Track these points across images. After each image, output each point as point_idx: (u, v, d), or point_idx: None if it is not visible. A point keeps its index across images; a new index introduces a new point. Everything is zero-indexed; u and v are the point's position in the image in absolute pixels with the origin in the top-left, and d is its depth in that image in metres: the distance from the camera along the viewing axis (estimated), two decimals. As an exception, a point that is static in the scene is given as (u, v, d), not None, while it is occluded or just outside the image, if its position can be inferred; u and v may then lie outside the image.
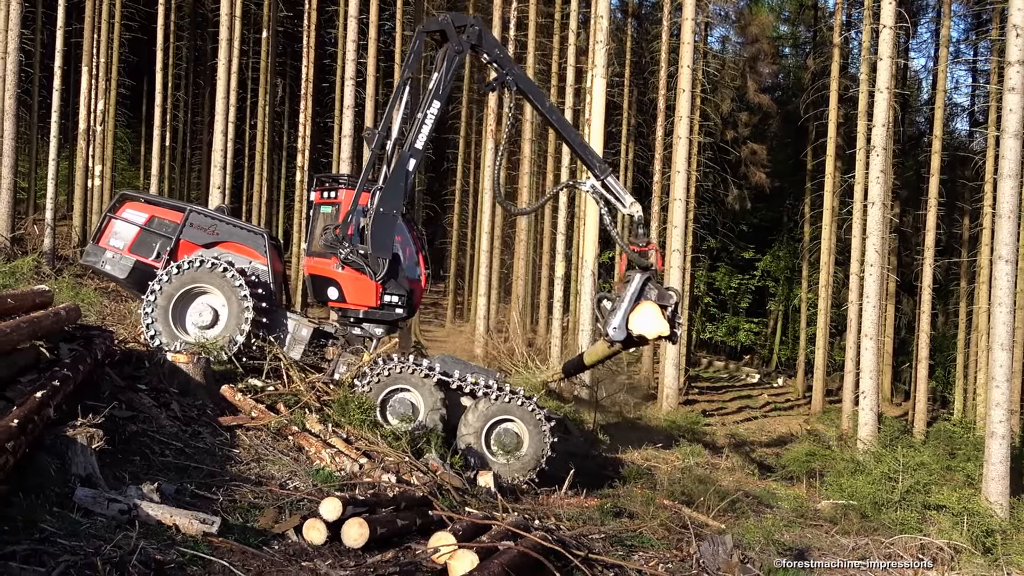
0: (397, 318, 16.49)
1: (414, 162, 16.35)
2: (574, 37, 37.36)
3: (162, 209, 16.87)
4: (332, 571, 7.31)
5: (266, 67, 45.87)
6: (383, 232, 16.02)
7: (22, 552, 5.92)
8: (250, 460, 10.66)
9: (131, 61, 45.87)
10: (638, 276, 16.13)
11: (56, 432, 8.04)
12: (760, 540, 11.99)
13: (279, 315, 15.97)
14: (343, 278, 16.13)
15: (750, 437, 32.35)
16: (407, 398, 14.86)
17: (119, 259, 16.17)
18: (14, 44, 32.88)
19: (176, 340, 14.58)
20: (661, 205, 41.01)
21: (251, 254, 16.32)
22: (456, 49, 16.37)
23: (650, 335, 15.96)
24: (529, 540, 8.64)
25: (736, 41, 54.55)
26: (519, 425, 15.05)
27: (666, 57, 41.81)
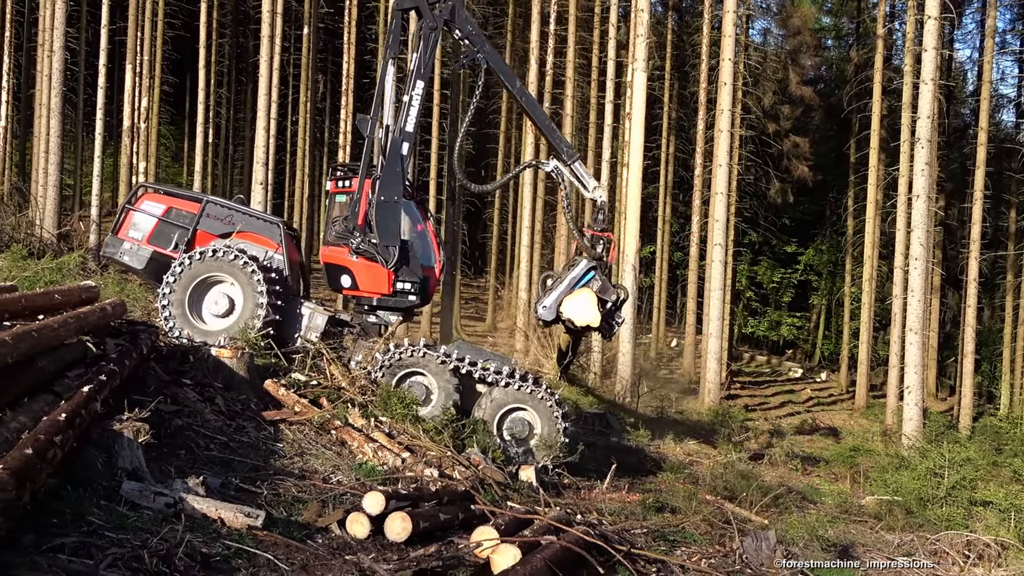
0: (410, 305, 16.52)
1: (407, 145, 16.35)
2: (614, 31, 37.24)
3: (180, 200, 16.98)
4: (376, 565, 7.33)
5: (307, 63, 46.10)
6: (387, 220, 16.10)
7: (71, 544, 5.99)
8: (294, 454, 10.72)
9: (174, 58, 46.29)
10: (584, 262, 16.00)
11: (103, 426, 8.12)
12: (804, 536, 11.90)
13: (294, 303, 16.03)
14: (355, 266, 16.23)
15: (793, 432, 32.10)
16: (421, 382, 14.88)
17: (137, 250, 16.30)
18: (60, 42, 33.29)
19: (193, 329, 14.68)
20: (702, 199, 40.85)
21: (267, 243, 16.38)
22: (431, 26, 16.29)
23: (578, 322, 15.65)
24: (571, 535, 8.63)
25: (778, 33, 54.17)
26: (531, 415, 14.96)
27: (707, 50, 41.63)
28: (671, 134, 48.38)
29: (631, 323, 30.44)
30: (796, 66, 51.65)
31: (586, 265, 15.90)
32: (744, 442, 25.29)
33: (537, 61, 38.73)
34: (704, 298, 35.12)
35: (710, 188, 35.50)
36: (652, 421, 26.14)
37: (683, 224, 49.38)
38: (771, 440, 27.39)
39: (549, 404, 14.91)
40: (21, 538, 5.75)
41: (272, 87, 34.48)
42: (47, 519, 6.27)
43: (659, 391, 34.06)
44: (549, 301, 15.77)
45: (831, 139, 55.02)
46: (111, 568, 5.75)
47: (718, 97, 33.22)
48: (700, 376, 34.99)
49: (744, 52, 41.57)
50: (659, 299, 48.19)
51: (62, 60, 33.59)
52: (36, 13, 43.48)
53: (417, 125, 16.55)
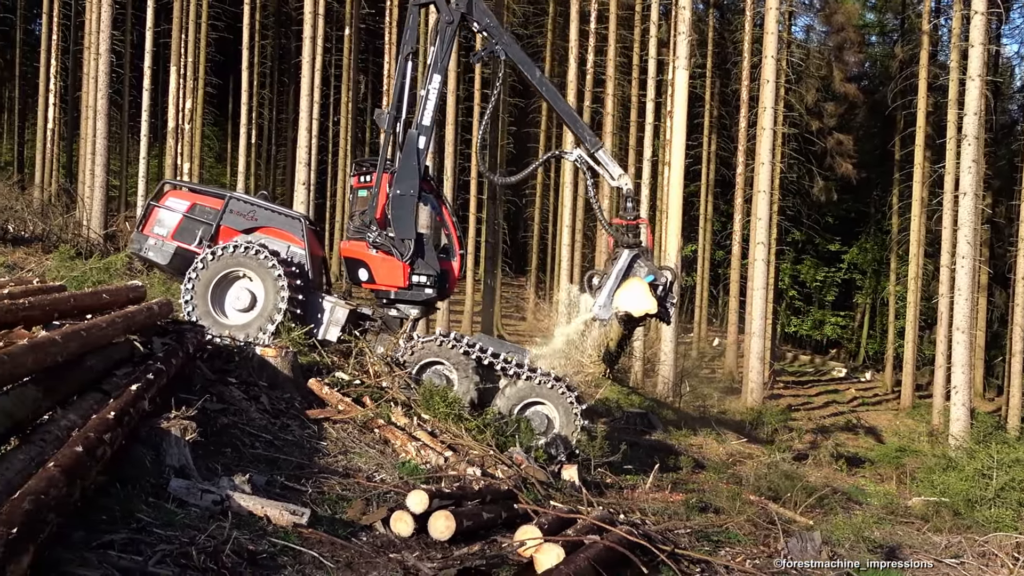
0: (427, 298, 16.50)
1: (423, 140, 16.38)
2: (655, 29, 37.12)
3: (203, 196, 17.18)
4: (419, 563, 7.36)
5: (349, 64, 46.31)
6: (402, 213, 16.16)
7: (120, 541, 6.05)
8: (337, 453, 10.77)
9: (218, 60, 46.70)
10: (626, 252, 15.89)
11: (151, 424, 8.20)
12: (849, 537, 11.80)
13: (315, 297, 16.13)
14: (373, 260, 16.33)
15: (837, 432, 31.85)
16: (442, 371, 14.93)
17: (161, 245, 16.48)
18: (105, 45, 33.70)
19: (215, 324, 14.79)
20: (745, 197, 40.66)
21: (289, 238, 16.51)
22: (447, 20, 16.35)
23: (636, 312, 15.57)
24: (614, 534, 8.62)
25: (821, 30, 53.74)
26: (550, 408, 14.88)
27: (749, 47, 41.41)
28: (713, 132, 48.16)
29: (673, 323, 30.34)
30: (840, 63, 51.23)
31: (628, 255, 15.84)
32: (788, 442, 25.13)
33: (577, 60, 38.69)
34: (747, 297, 34.95)
35: (752, 186, 35.33)
36: (694, 420, 26.05)
37: (725, 223, 49.14)
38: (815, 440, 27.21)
39: (567, 398, 14.81)
40: (72, 534, 5.82)
41: (314, 88, 34.69)
42: (97, 516, 6.33)
43: (701, 390, 33.93)
44: (602, 299, 15.72)
45: (875, 136, 54.54)
46: (160, 564, 5.81)
47: (760, 94, 33.03)
48: (743, 376, 34.82)
49: (787, 49, 41.24)
50: (701, 298, 48.00)
51: (108, 63, 33.99)
52: (82, 16, 44.04)
53: (434, 119, 16.57)
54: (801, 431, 29.06)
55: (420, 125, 16.40)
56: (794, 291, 56.51)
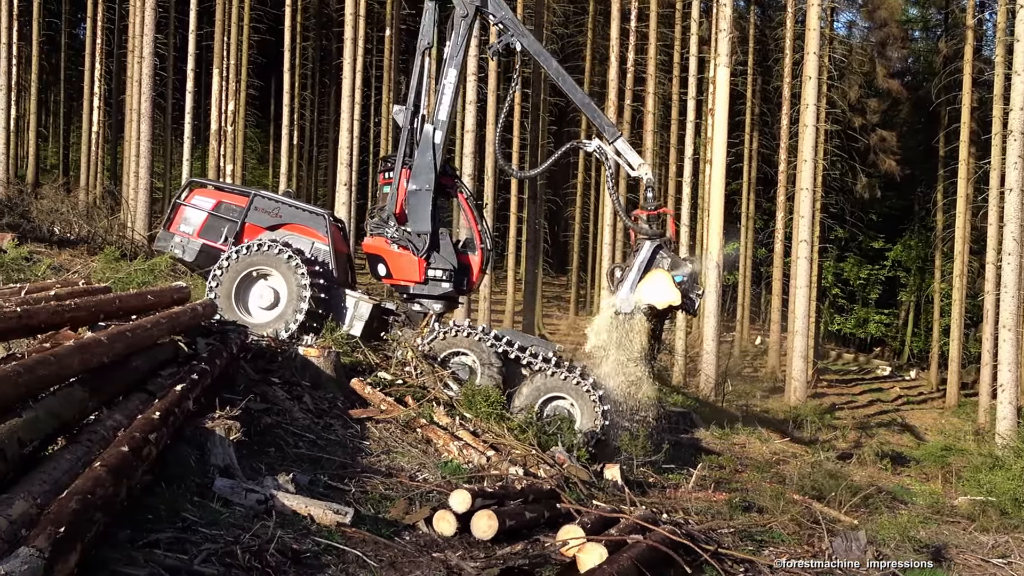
0: (444, 292, 16.43)
1: (440, 134, 16.34)
2: (696, 27, 36.95)
3: (228, 194, 17.40)
4: (463, 562, 7.36)
5: (390, 65, 46.48)
6: (417, 208, 16.22)
7: (166, 540, 6.10)
8: (380, 452, 10.80)
9: (259, 62, 47.01)
10: (647, 244, 15.45)
11: (195, 424, 8.27)
12: (895, 537, 11.67)
13: (338, 293, 16.18)
14: (390, 255, 16.42)
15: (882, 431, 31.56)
16: (464, 362, 14.99)
17: (187, 243, 16.65)
18: (149, 49, 34.02)
19: (239, 322, 14.89)
20: (787, 195, 40.38)
21: (313, 235, 16.61)
22: (462, 13, 16.27)
23: (659, 304, 15.03)
24: (658, 534, 8.58)
25: (863, 26, 53.25)
26: (571, 403, 14.80)
27: (791, 44, 41.13)
28: (754, 130, 47.88)
29: (715, 321, 30.19)
30: (883, 59, 50.75)
31: (650, 245, 15.42)
32: (832, 441, 24.93)
33: (618, 59, 38.59)
34: (789, 295, 34.77)
35: (795, 184, 35.06)
36: (737, 419, 25.89)
37: (767, 221, 48.86)
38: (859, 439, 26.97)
39: (590, 395, 14.70)
40: (118, 533, 5.87)
41: (355, 89, 34.85)
42: (143, 515, 6.39)
43: (744, 389, 33.75)
44: (624, 292, 15.30)
45: (919, 132, 53.94)
46: (205, 563, 5.85)
47: (802, 91, 32.80)
48: (786, 374, 34.59)
49: (829, 45, 40.91)
50: (743, 297, 47.75)
51: (151, 66, 34.30)
52: (126, 20, 44.50)
53: (450, 114, 16.54)
54: (845, 430, 28.81)
55: (436, 120, 16.40)
56: (837, 289, 56.05)
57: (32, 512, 4.90)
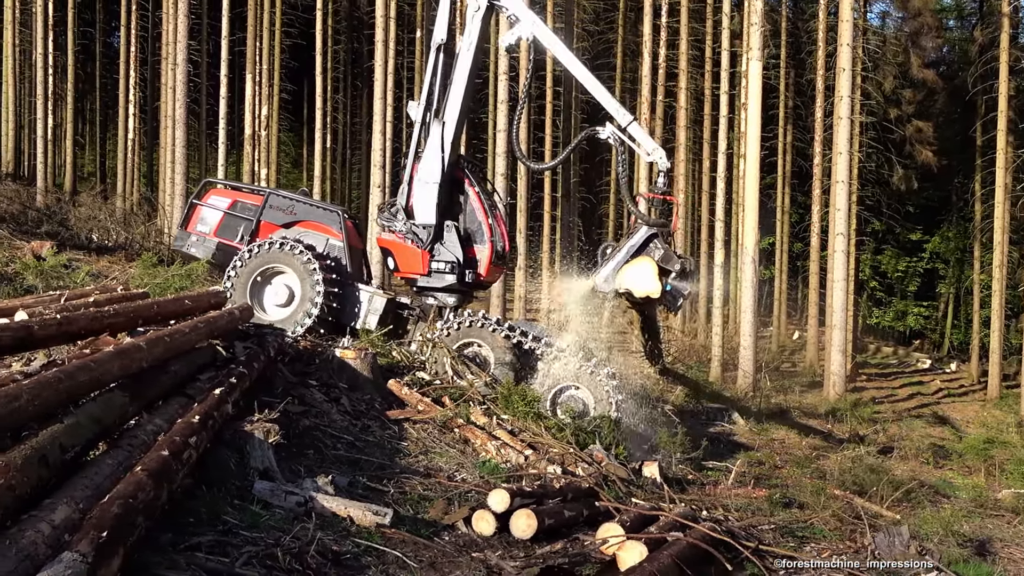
0: (448, 285, 16.41)
1: (449, 128, 16.40)
2: (727, 21, 36.72)
3: (244, 194, 17.85)
4: (502, 562, 7.36)
5: (421, 66, 46.49)
6: (424, 201, 16.28)
7: (207, 543, 6.14)
8: (418, 453, 10.83)
9: (292, 67, 47.22)
10: (643, 229, 14.88)
11: (234, 427, 8.32)
12: (938, 531, 11.57)
13: (352, 289, 16.38)
14: (397, 247, 16.52)
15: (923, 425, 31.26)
16: (479, 352, 15.08)
17: (203, 241, 17.09)
18: (182, 55, 34.27)
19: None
20: (823, 188, 40.07)
21: (327, 231, 16.89)
22: (474, 8, 16.31)
23: (637, 292, 14.44)
24: (697, 531, 8.55)
25: (897, 16, 52.79)
26: (586, 393, 14.80)
27: (824, 36, 40.82)
28: (788, 123, 47.57)
29: (751, 316, 30.02)
30: (917, 48, 50.24)
31: (645, 231, 14.86)
32: (872, 435, 24.72)
33: (650, 55, 38.48)
34: (826, 289, 34.49)
35: (830, 177, 34.80)
36: (776, 415, 25.75)
37: (803, 214, 48.51)
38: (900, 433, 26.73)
39: (603, 384, 14.70)
40: (160, 537, 5.91)
41: (387, 91, 34.93)
42: (184, 518, 6.43)
43: (782, 384, 33.53)
44: (606, 271, 14.80)
45: (956, 122, 53.37)
46: (246, 566, 5.88)
47: (836, 83, 32.54)
48: (824, 369, 34.32)
49: (862, 36, 40.54)
50: (779, 291, 47.48)
51: (185, 72, 34.56)
52: (159, 28, 44.83)
53: (459, 108, 16.51)
54: (885, 424, 28.56)
55: (445, 114, 16.44)
56: (875, 282, 55.64)
57: (75, 517, 4.95)
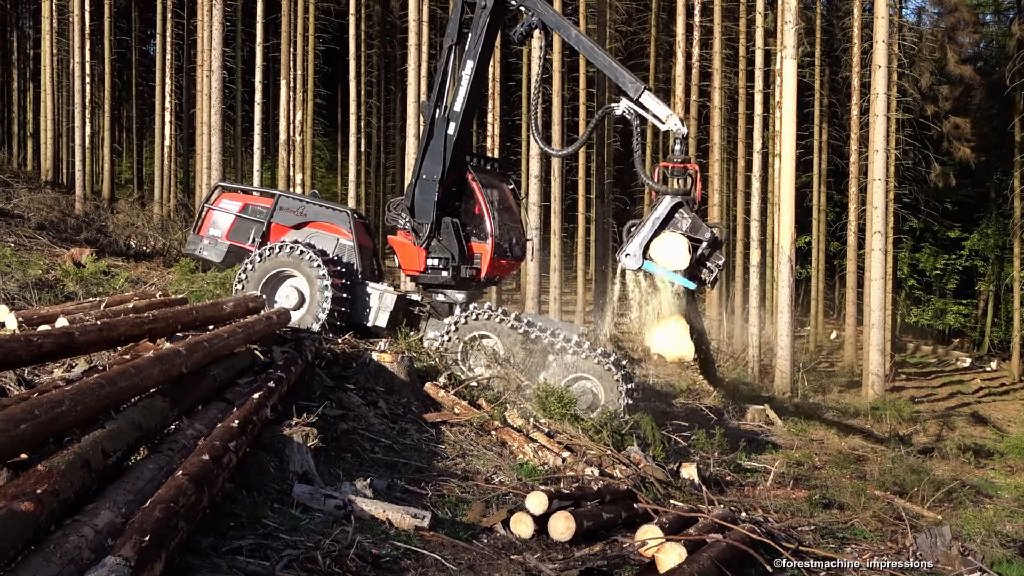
0: (443, 282, 16.56)
1: (453, 125, 16.37)
2: (761, 19, 36.56)
3: (255, 197, 18.18)
4: (541, 564, 7.36)
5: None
6: (423, 198, 16.41)
7: (247, 546, 6.18)
8: (455, 455, 10.85)
9: (326, 72, 47.43)
10: (667, 199, 14.11)
11: (273, 431, 8.37)
12: (981, 531, 11.46)
13: (362, 287, 16.52)
14: (400, 245, 16.80)
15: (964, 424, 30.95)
16: (489, 344, 15.11)
17: (215, 244, 17.36)
18: (218, 62, 34.52)
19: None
20: (859, 186, 39.76)
21: (337, 231, 17.10)
22: (481, 4, 16.27)
23: (668, 267, 13.84)
24: (737, 532, 8.51)
25: (933, 11, 52.36)
26: (595, 384, 14.77)
27: (859, 33, 40.50)
28: (823, 121, 47.24)
29: (788, 316, 29.84)
30: (954, 44, 49.76)
31: (669, 201, 14.06)
32: (912, 435, 24.51)
33: (683, 54, 38.35)
34: (864, 288, 34.22)
35: (866, 175, 34.54)
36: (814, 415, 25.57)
37: (839, 213, 48.18)
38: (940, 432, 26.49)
39: (613, 374, 14.67)
40: (201, 541, 5.96)
41: (420, 94, 34.97)
42: (225, 522, 6.48)
43: (820, 384, 33.32)
44: (633, 246, 14.10)
45: (994, 118, 52.81)
46: (287, 569, 5.92)
47: (872, 81, 32.31)
48: (862, 368, 34.06)
49: (898, 33, 40.19)
50: (816, 290, 47.18)
51: (220, 79, 34.80)
52: (195, 36, 45.21)
53: (465, 105, 16.48)
54: (925, 423, 28.30)
55: (451, 111, 16.46)
56: (913, 280, 55.17)
57: (117, 521, 4.99)
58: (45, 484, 4.70)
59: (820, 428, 22.50)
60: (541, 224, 34.35)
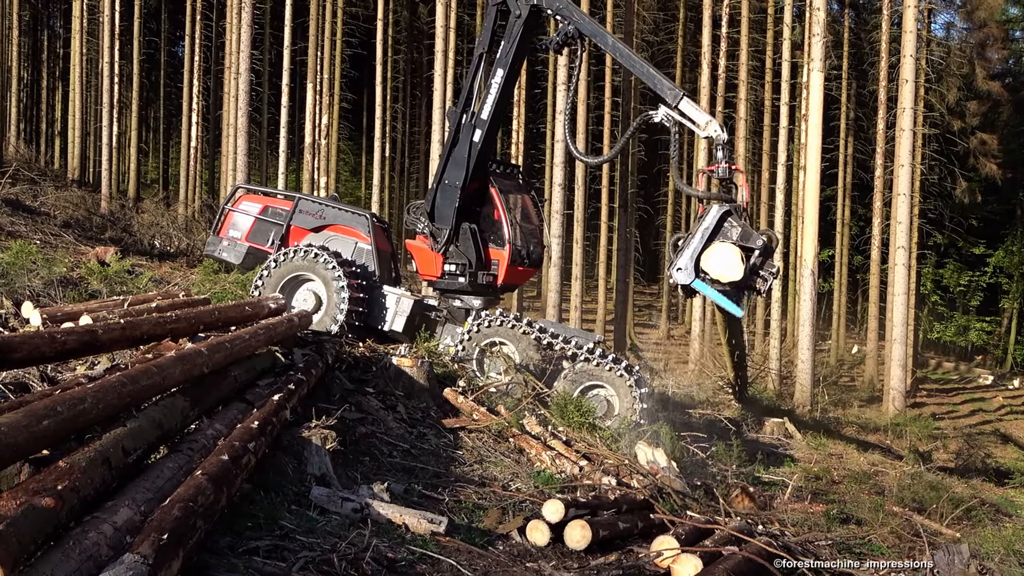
0: (460, 288, 16.54)
1: (479, 132, 16.33)
2: (788, 31, 36.51)
3: (274, 199, 18.17)
4: (556, 572, 7.36)
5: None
6: (444, 203, 16.41)
7: (264, 547, 6.20)
8: (473, 461, 10.85)
9: (352, 76, 47.62)
10: (715, 208, 13.61)
11: (293, 433, 8.40)
12: (999, 550, 11.36)
13: (379, 291, 16.58)
14: (416, 250, 16.84)
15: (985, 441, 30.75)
16: (505, 351, 15.16)
17: (234, 246, 17.49)
18: (245, 65, 34.69)
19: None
20: (884, 201, 39.61)
21: (356, 235, 17.16)
22: (516, 13, 16.16)
23: (722, 280, 13.34)
24: (753, 545, 8.48)
25: (962, 27, 52.08)
26: (610, 392, 14.82)
27: (886, 47, 40.39)
28: (849, 135, 47.12)
29: (810, 329, 29.73)
30: (982, 60, 49.55)
31: (718, 210, 13.58)
32: (932, 452, 24.37)
33: (709, 65, 38.30)
34: (887, 303, 34.07)
35: (891, 189, 34.39)
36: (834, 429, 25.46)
37: (863, 227, 48.03)
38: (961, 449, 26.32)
39: (625, 380, 14.69)
40: (218, 540, 5.98)
41: (446, 100, 35.08)
42: (242, 523, 6.50)
43: (840, 398, 33.18)
44: (683, 261, 13.53)
45: (1021, 135, 52.61)
46: (303, 571, 5.93)
47: (899, 95, 32.19)
48: (884, 384, 33.91)
49: (926, 47, 40.07)
50: (839, 304, 47.01)
51: (247, 82, 34.98)
52: (223, 38, 45.47)
53: (492, 113, 16.42)
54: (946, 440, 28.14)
55: (478, 118, 16.42)
56: (937, 296, 54.90)
57: (136, 519, 5.02)
58: (66, 480, 4.73)
59: (839, 443, 22.40)
60: (564, 232, 34.35)
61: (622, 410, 14.61)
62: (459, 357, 15.21)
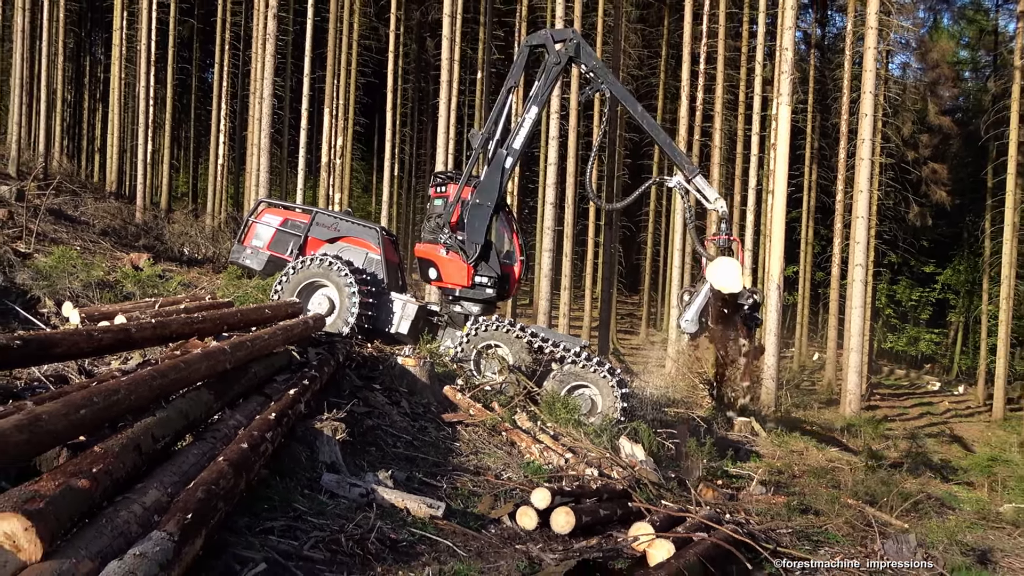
0: (488, 298, 16.67)
1: (511, 160, 16.49)
2: (760, 68, 36.61)
3: (293, 213, 18.20)
4: (542, 554, 7.37)
5: (481, 104, 46.71)
6: (476, 221, 16.42)
7: (279, 527, 6.21)
8: (469, 453, 10.86)
9: (365, 102, 47.64)
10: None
11: (306, 425, 8.40)
12: (943, 540, 11.40)
13: (385, 297, 16.62)
14: (441, 260, 16.72)
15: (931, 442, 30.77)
16: (499, 354, 15.18)
17: (256, 254, 17.51)
18: (268, 91, 34.69)
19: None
20: (844, 223, 39.69)
21: (367, 246, 17.24)
22: (554, 61, 16.35)
23: (725, 289, 14.38)
24: (721, 532, 8.49)
25: (917, 67, 52.24)
26: (594, 391, 14.85)
27: (848, 84, 40.52)
28: (813, 163, 47.23)
29: (775, 338, 29.75)
30: (935, 97, 49.75)
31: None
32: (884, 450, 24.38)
33: (688, 98, 38.40)
34: (845, 315, 34.12)
35: (851, 212, 34.44)
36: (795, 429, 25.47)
37: (824, 246, 48.10)
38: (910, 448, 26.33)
39: (610, 383, 14.73)
40: (237, 521, 5.99)
41: (450, 125, 35.08)
42: (259, 505, 6.51)
43: (802, 400, 33.19)
44: (690, 314, 15.06)
45: (969, 165, 52.69)
46: (313, 549, 5.95)
47: (859, 127, 32.27)
48: (841, 388, 33.93)
49: (884, 85, 40.20)
50: (802, 315, 47.08)
51: (270, 106, 34.97)
52: (249, 66, 45.49)
53: (524, 145, 16.64)
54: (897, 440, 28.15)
55: (511, 148, 16.55)
56: (890, 309, 54.94)
57: (163, 500, 5.03)
58: (100, 464, 4.74)
59: (800, 440, 22.41)
60: (554, 247, 34.37)
61: (604, 408, 14.64)
62: (458, 358, 15.22)
